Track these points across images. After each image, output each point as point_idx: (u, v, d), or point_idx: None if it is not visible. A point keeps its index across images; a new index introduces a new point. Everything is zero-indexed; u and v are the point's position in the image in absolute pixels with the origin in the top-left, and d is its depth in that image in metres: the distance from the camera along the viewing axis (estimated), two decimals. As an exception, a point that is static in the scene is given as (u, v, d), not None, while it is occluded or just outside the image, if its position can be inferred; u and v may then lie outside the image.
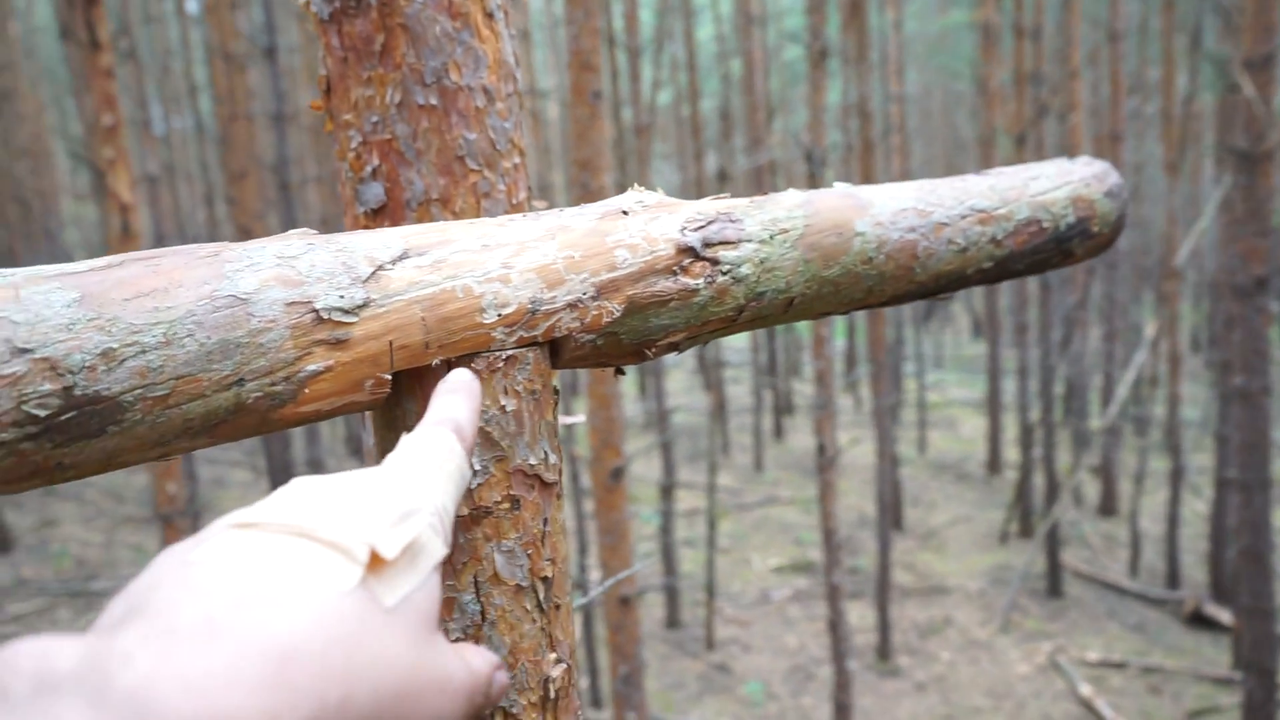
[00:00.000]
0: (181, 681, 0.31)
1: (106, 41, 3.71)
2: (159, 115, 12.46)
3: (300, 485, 0.43)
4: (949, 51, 20.41)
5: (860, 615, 6.68)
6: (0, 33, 12.58)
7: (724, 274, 0.64)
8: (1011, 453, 9.91)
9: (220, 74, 7.60)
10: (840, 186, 0.74)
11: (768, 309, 0.68)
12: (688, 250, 0.63)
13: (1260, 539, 4.16)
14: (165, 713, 0.30)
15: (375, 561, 0.39)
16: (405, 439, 0.48)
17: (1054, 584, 6.94)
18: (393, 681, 0.37)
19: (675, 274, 0.62)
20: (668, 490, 6.42)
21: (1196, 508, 8.34)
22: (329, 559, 0.38)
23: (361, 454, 9.42)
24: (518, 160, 0.87)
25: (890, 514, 6.36)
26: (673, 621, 6.76)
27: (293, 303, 0.49)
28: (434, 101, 0.81)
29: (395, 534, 0.40)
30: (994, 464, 9.73)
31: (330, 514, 0.40)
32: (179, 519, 3.65)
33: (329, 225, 9.94)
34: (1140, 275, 12.35)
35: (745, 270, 0.65)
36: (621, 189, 7.90)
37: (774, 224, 0.67)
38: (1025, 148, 7.44)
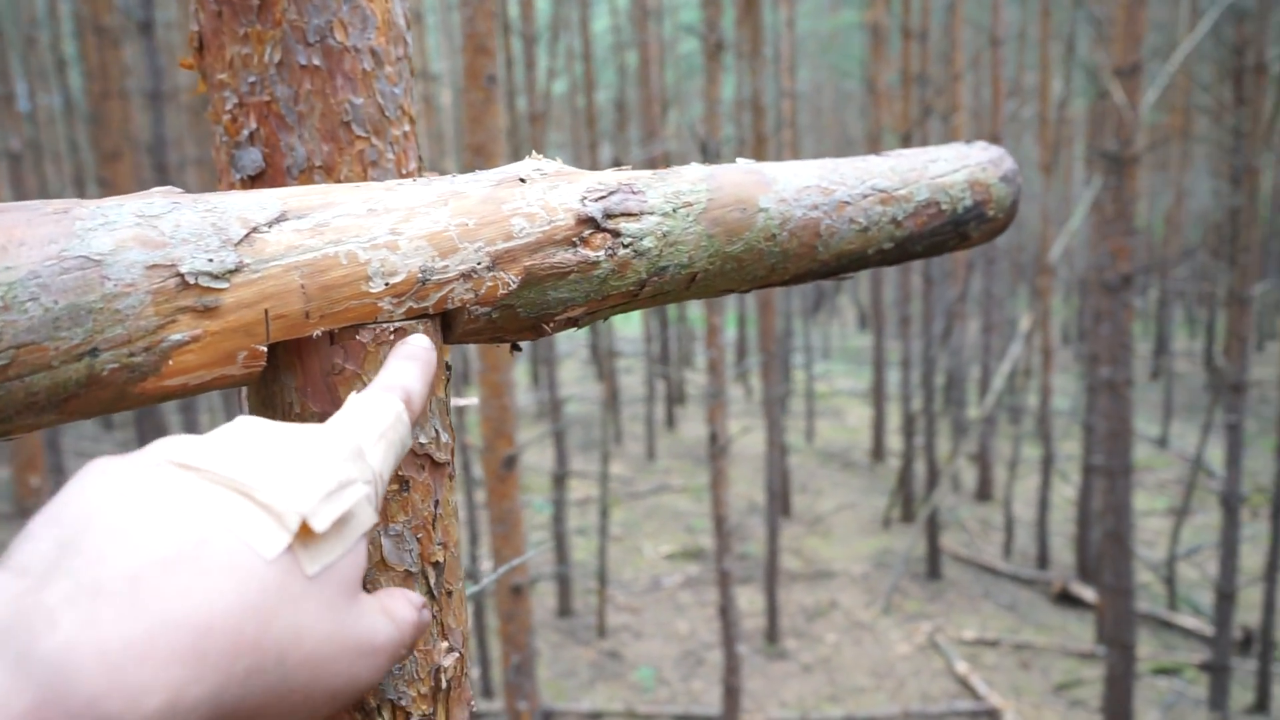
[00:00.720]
0: (99, 653, 0.32)
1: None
2: (23, 91, 11.72)
3: (246, 427, 0.43)
4: (839, 51, 20.90)
5: (749, 600, 6.79)
6: None
7: (625, 246, 0.62)
8: (895, 441, 10.23)
9: (92, 49, 7.19)
10: (743, 162, 0.72)
11: (670, 284, 0.66)
12: (588, 221, 0.60)
13: (1122, 522, 4.39)
14: (80, 684, 0.31)
15: (305, 531, 0.39)
16: (352, 398, 0.48)
17: (933, 567, 7.20)
18: (305, 651, 0.38)
19: (575, 245, 0.60)
20: (560, 479, 6.39)
21: (1065, 493, 8.78)
22: (260, 522, 0.38)
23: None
24: (408, 128, 0.82)
25: (779, 501, 6.48)
26: (564, 610, 6.74)
27: (154, 265, 0.44)
28: (317, 62, 0.76)
29: (329, 506, 0.41)
30: (878, 452, 10.03)
31: (270, 471, 0.40)
32: (40, 513, 3.44)
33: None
34: (1017, 271, 12.91)
35: (648, 243, 0.63)
36: (515, 176, 7.76)
37: (677, 197, 0.65)
38: (911, 146, 7.67)
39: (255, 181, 0.78)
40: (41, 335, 0.41)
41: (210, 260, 0.46)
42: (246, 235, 0.48)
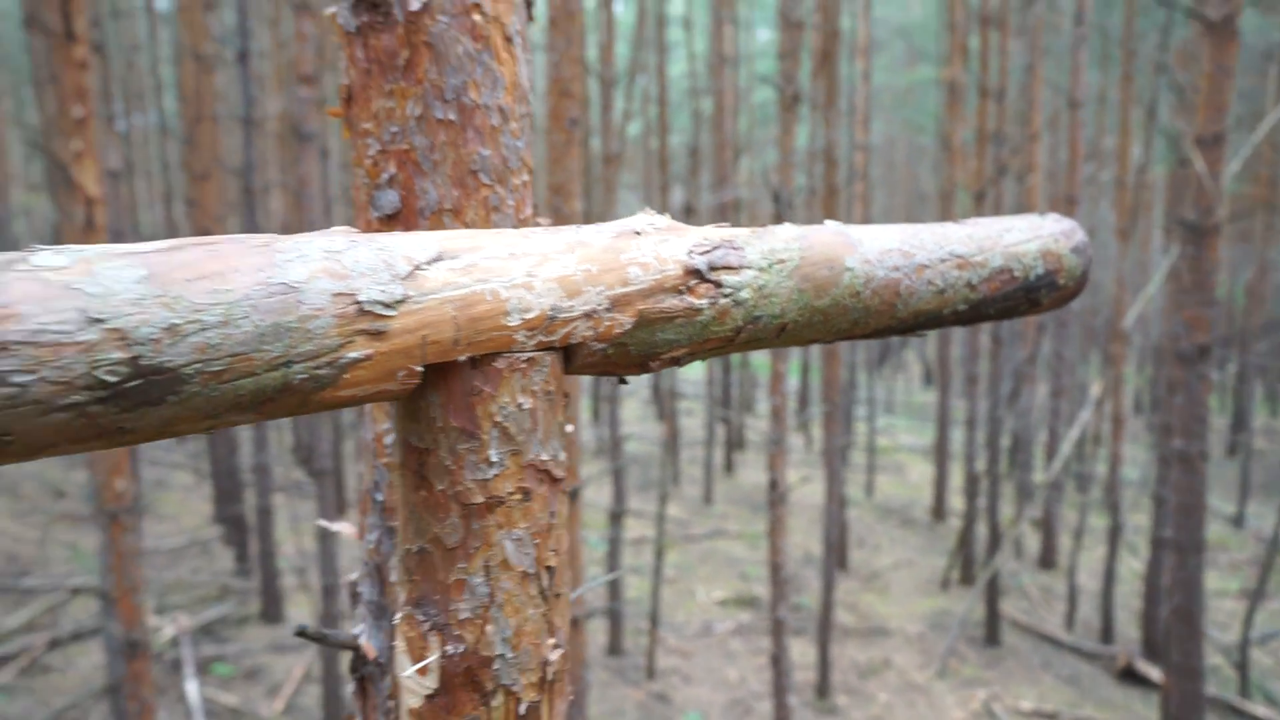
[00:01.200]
0: None
1: (82, 33, 3.69)
2: (120, 111, 12.34)
3: None
4: (915, 105, 20.91)
5: (801, 652, 6.72)
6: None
7: (725, 296, 0.69)
8: (956, 501, 10.08)
9: (189, 74, 7.58)
10: (831, 224, 0.79)
11: (762, 332, 0.72)
12: (694, 272, 0.68)
13: (1192, 599, 4.28)
14: None
15: None
16: None
17: (992, 632, 7.05)
18: None
19: (682, 293, 0.67)
20: (617, 517, 6.43)
21: (1132, 565, 8.54)
22: None
23: (310, 463, 9.26)
24: (526, 178, 0.91)
25: (836, 554, 6.43)
26: (615, 648, 6.75)
27: (339, 294, 0.53)
28: (452, 117, 0.85)
29: None
30: (939, 511, 9.88)
31: None
32: (125, 517, 3.59)
33: (291, 234, 9.87)
34: (1088, 335, 12.69)
35: (745, 295, 0.70)
36: (588, 216, 7.95)
37: (772, 254, 0.72)
38: (984, 205, 7.65)
39: (391, 220, 0.87)
40: (250, 347, 0.49)
41: (382, 291, 0.54)
42: (411, 271, 0.56)
